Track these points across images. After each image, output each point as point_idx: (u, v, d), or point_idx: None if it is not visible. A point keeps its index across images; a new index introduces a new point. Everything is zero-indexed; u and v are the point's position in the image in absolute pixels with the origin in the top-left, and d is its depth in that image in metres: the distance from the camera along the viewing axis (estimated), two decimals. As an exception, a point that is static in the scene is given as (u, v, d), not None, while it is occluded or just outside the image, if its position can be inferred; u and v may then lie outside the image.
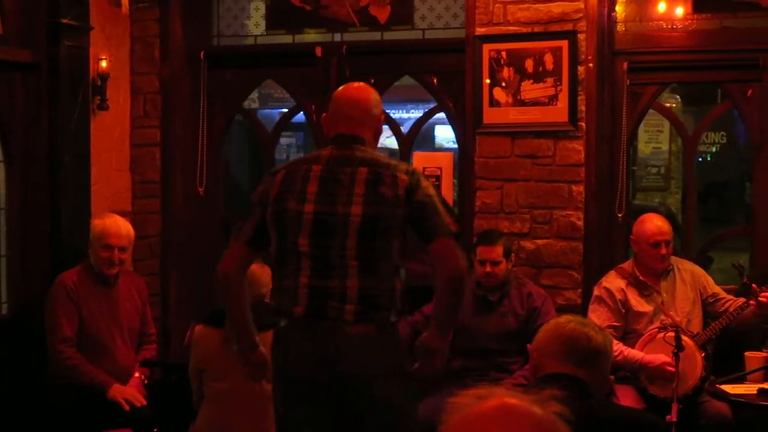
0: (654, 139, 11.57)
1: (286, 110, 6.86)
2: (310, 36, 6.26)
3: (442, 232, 3.57)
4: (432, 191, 3.63)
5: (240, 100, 6.50)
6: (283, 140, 15.94)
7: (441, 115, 6.05)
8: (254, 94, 10.10)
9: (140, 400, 4.99)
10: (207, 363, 4.43)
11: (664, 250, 5.10)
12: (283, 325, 3.65)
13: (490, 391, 1.43)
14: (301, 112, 6.32)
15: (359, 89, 3.87)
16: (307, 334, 3.58)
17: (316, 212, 3.59)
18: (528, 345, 2.82)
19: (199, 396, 4.49)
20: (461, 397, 1.43)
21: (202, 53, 6.17)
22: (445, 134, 13.63)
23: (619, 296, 5.10)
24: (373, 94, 3.85)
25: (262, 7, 6.30)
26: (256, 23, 6.36)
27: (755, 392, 4.52)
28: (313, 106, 6.06)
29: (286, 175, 3.69)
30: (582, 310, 5.16)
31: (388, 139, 6.35)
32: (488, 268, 5.09)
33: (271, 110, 12.62)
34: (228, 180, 7.30)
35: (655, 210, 8.40)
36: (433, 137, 14.41)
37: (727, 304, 5.08)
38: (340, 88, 3.91)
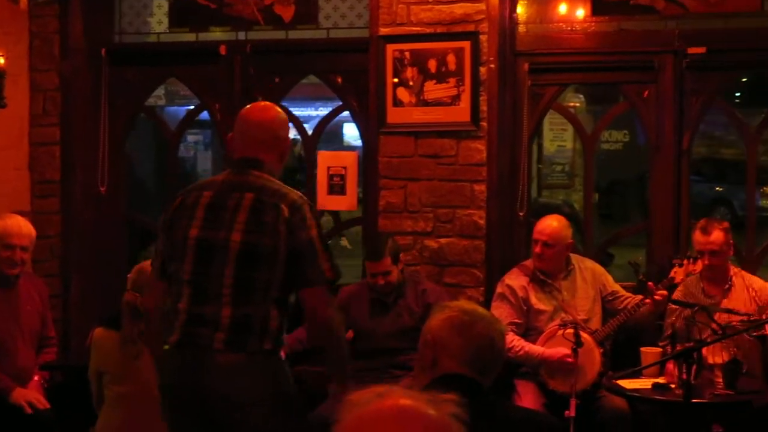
0: (559, 137, 11.80)
1: (192, 107, 6.79)
2: (214, 34, 6.21)
3: (315, 280, 3.50)
4: (314, 231, 3.51)
5: (143, 98, 6.41)
6: (190, 137, 15.84)
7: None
8: (160, 91, 10.00)
9: (43, 403, 4.91)
10: (106, 366, 4.38)
11: (538, 249, 5.17)
12: (165, 350, 3.58)
13: (387, 390, 1.44)
14: (206, 111, 6.26)
15: (264, 110, 3.79)
16: (177, 362, 3.52)
17: (199, 238, 3.53)
18: (427, 336, 2.73)
19: (99, 399, 4.43)
20: (358, 394, 1.44)
21: (103, 50, 6.07)
22: (353, 132, 13.68)
23: (521, 294, 5.17)
24: (280, 115, 3.76)
25: (165, 4, 6.23)
26: (158, 21, 6.28)
27: (651, 387, 4.65)
28: (217, 105, 6.01)
29: (182, 201, 3.64)
30: (485, 308, 5.21)
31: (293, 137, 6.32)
32: (381, 281, 5.14)
33: (177, 107, 12.50)
34: (132, 179, 7.21)
35: (557, 208, 8.57)
36: (341, 135, 14.45)
37: (625, 302, 5.20)
38: (246, 108, 3.81)
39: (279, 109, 3.82)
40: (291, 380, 3.66)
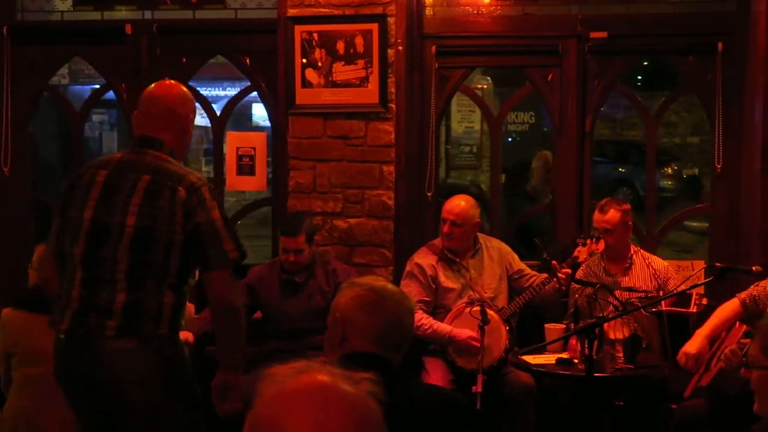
0: (467, 118, 11.88)
1: (98, 86, 6.68)
2: (120, 13, 6.13)
3: (220, 263, 3.45)
4: (215, 213, 3.45)
5: (47, 77, 6.28)
6: (96, 117, 15.60)
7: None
8: (64, 70, 9.81)
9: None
10: (15, 347, 4.31)
11: (446, 229, 5.25)
12: (59, 335, 3.52)
13: (306, 366, 1.44)
14: (111, 91, 6.18)
15: (164, 87, 3.72)
16: (68, 348, 3.48)
17: (94, 219, 3.47)
18: (336, 314, 2.74)
19: (7, 381, 4.36)
20: (276, 370, 1.43)
21: (5, 29, 5.94)
22: (261, 112, 13.62)
23: (429, 272, 5.25)
24: (181, 94, 3.69)
25: (69, -18, 6.12)
26: (62, -1, 6.17)
27: (555, 362, 4.78)
28: (123, 85, 5.94)
29: (77, 179, 3.56)
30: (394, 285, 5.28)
31: (202, 119, 6.29)
32: (292, 257, 5.14)
33: (82, 86, 12.29)
34: (37, 159, 7.08)
35: (465, 188, 8.69)
36: (250, 115, 14.37)
37: (530, 280, 5.32)
38: (150, 86, 3.75)
39: (182, 88, 3.76)
40: (188, 364, 3.62)
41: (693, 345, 4.55)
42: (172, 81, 3.85)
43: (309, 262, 5.18)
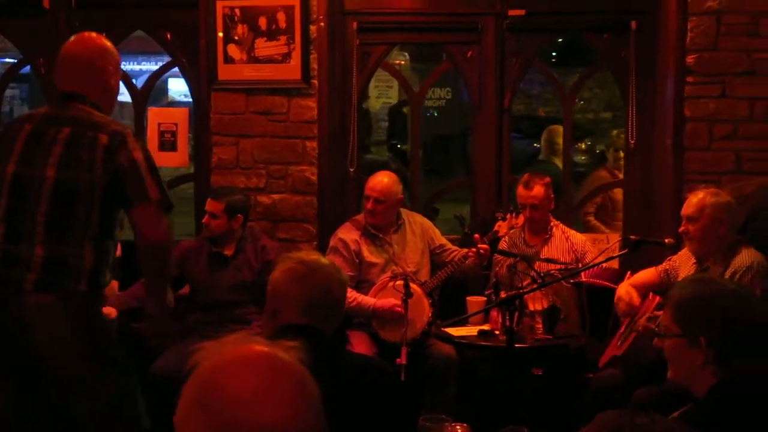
0: (384, 94, 11.93)
1: (12, 60, 6.54)
2: (39, -14, 6.01)
3: (142, 198, 3.41)
4: (139, 155, 3.44)
5: (-40, 52, 6.17)
6: (8, 92, 15.25)
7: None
8: (-26, 44, 9.56)
9: None
10: None
11: (370, 206, 5.30)
12: None
13: (241, 337, 1.47)
14: (28, 66, 6.08)
15: (83, 41, 3.67)
16: None
17: (16, 174, 3.45)
18: (269, 287, 2.80)
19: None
20: (210, 344, 1.45)
21: None
22: (178, 87, 13.48)
23: (353, 247, 5.30)
24: (99, 46, 3.65)
25: (-16, -46, 5.98)
26: (-22, -29, 6.02)
27: (476, 333, 4.89)
28: (41, 60, 5.85)
29: (2, 134, 3.56)
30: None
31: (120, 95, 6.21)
32: (206, 219, 5.17)
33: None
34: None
35: (384, 164, 8.74)
36: (166, 90, 14.20)
37: (452, 255, 5.40)
38: (67, 41, 3.71)
39: (102, 41, 3.70)
40: (107, 323, 3.63)
41: (622, 289, 4.70)
42: (92, 33, 3.76)
43: (225, 233, 5.16)
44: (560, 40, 10.93)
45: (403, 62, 11.95)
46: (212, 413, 1.37)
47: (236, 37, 5.54)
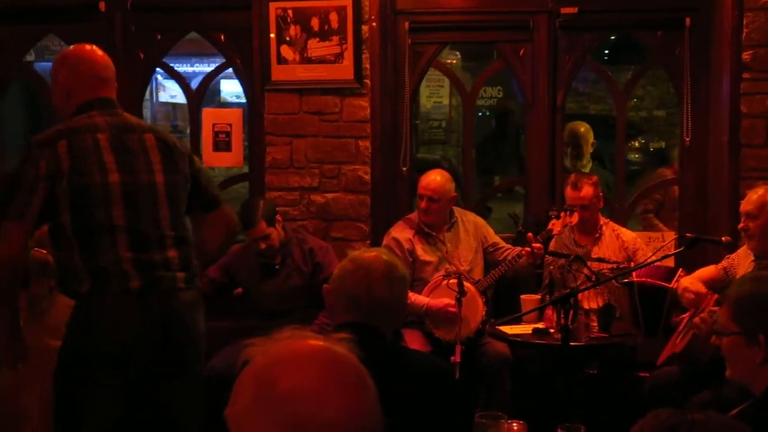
0: (435, 93, 11.94)
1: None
2: (93, -10, 6.10)
3: (219, 198, 3.82)
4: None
5: (20, 56, 6.26)
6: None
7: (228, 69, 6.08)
8: (28, 46, 9.71)
9: None
10: None
11: (424, 204, 5.31)
12: (95, 300, 3.44)
13: (293, 333, 1.48)
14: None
15: (97, 50, 3.71)
16: (141, 305, 3.45)
17: (123, 182, 3.48)
18: (324, 286, 2.81)
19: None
20: (262, 339, 1.47)
21: (-22, 7, 5.92)
22: (230, 88, 13.57)
23: (406, 246, 5.32)
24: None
25: (41, -40, 6.08)
26: (35, -24, 6.12)
27: (530, 332, 4.88)
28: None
29: (71, 145, 3.44)
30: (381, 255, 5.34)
31: (171, 98, 6.30)
32: (262, 245, 5.16)
33: (47, 63, 12.19)
34: (4, 136, 7.05)
35: (436, 163, 8.75)
36: (218, 91, 14.30)
37: (505, 253, 5.40)
38: (73, 50, 3.73)
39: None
40: None
41: (686, 280, 4.67)
42: (89, 44, 3.78)
43: (283, 241, 5.21)
44: (612, 37, 10.85)
45: (454, 61, 11.94)
46: (274, 408, 1.37)
47: (289, 38, 5.58)
